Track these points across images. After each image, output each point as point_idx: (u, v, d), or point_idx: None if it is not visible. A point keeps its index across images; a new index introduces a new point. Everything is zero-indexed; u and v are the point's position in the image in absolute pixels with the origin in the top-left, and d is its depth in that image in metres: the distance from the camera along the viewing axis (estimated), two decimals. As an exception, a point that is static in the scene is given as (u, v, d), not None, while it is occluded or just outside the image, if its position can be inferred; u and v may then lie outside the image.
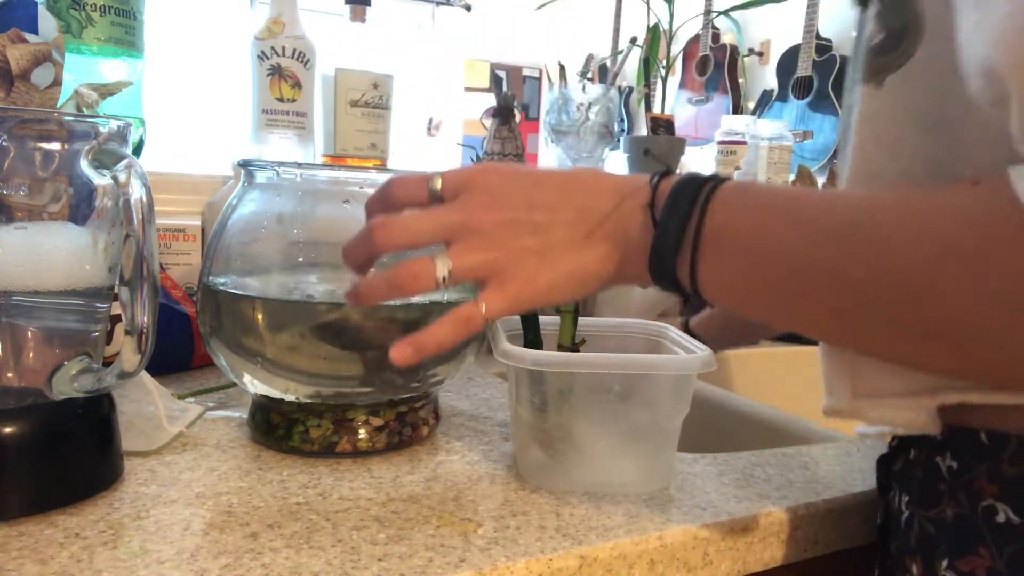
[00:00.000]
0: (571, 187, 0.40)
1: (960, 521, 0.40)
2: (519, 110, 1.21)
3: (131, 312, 0.43)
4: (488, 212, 0.39)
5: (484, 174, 0.40)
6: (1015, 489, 0.38)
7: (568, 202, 0.40)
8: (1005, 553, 0.38)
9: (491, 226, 0.39)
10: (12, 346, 0.44)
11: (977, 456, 0.40)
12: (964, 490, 0.41)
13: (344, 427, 0.55)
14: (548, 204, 0.39)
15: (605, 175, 0.42)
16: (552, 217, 0.39)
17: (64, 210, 0.44)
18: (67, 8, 0.77)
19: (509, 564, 0.42)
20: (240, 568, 0.40)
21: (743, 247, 0.37)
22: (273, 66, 0.96)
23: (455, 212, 0.39)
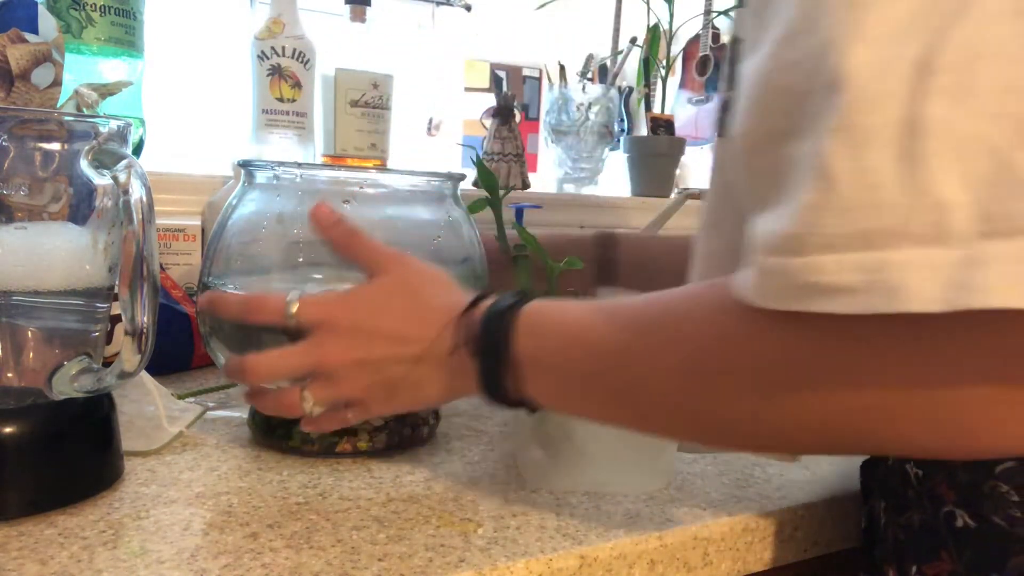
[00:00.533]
0: (404, 318, 0.46)
1: (925, 527, 0.41)
2: (519, 110, 1.21)
3: (131, 312, 0.43)
4: (339, 354, 0.46)
5: (332, 317, 0.46)
6: (969, 495, 0.39)
7: (403, 335, 0.46)
8: (964, 557, 0.39)
9: (342, 368, 0.46)
10: (12, 346, 0.44)
11: (936, 464, 0.41)
12: (928, 496, 0.42)
13: (344, 429, 0.55)
14: (387, 337, 0.46)
15: (434, 298, 0.48)
16: (390, 352, 0.46)
17: (64, 210, 0.44)
18: (67, 8, 0.77)
19: (509, 564, 0.42)
20: (240, 568, 0.40)
21: (555, 373, 0.42)
22: (273, 66, 0.96)
23: (311, 356, 0.46)
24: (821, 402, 0.32)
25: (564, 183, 1.33)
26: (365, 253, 0.49)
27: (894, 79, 0.27)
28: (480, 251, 0.63)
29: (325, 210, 0.49)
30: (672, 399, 0.38)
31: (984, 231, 0.25)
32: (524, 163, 1.21)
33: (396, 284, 0.48)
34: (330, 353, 0.46)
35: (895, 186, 0.26)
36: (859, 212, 0.27)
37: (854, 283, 0.27)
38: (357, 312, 0.47)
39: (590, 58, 1.41)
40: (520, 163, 1.19)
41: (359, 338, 0.46)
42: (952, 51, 0.26)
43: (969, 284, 0.25)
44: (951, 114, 0.26)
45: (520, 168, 1.19)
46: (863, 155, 0.27)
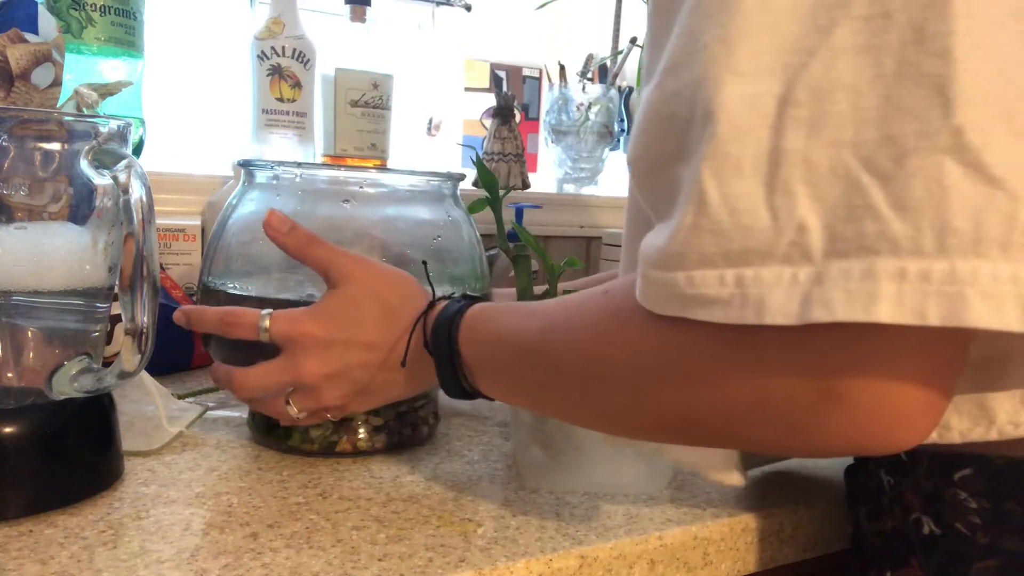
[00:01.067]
0: (374, 326, 0.49)
1: (896, 534, 0.43)
2: (519, 110, 1.21)
3: (131, 312, 0.43)
4: (315, 369, 0.48)
5: (305, 332, 0.49)
6: (932, 502, 0.40)
7: (373, 343, 0.49)
8: (932, 564, 0.40)
9: (318, 381, 0.49)
10: (12, 346, 0.44)
11: (903, 472, 0.42)
12: (900, 504, 0.43)
13: (344, 427, 0.55)
14: (359, 347, 0.49)
15: (400, 303, 0.50)
16: (363, 360, 0.49)
17: (64, 210, 0.44)
18: (67, 8, 0.77)
19: (509, 564, 0.42)
20: (240, 568, 0.40)
21: (493, 372, 0.46)
22: (273, 66, 0.96)
23: (288, 373, 0.49)
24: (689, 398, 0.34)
25: (564, 183, 1.33)
26: (325, 260, 0.51)
27: (759, 113, 0.29)
28: (480, 251, 0.63)
29: (276, 218, 0.51)
30: (575, 394, 0.41)
31: (831, 250, 0.28)
32: (524, 163, 1.21)
33: (363, 293, 0.50)
34: (306, 368, 0.48)
35: (762, 210, 0.29)
36: (731, 233, 0.29)
37: (726, 296, 0.30)
38: (328, 326, 0.49)
39: (590, 58, 1.41)
40: (520, 163, 1.19)
41: (333, 351, 0.48)
42: (807, 86, 0.28)
43: (816, 299, 0.27)
44: (807, 144, 0.28)
45: (520, 168, 1.19)
46: (733, 182, 0.29)
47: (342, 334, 0.49)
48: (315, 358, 0.48)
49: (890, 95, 0.27)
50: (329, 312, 0.49)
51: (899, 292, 0.26)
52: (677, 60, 0.32)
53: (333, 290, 0.50)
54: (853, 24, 0.28)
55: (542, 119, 1.37)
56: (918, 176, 0.26)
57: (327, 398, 0.49)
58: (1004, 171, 0.26)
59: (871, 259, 0.27)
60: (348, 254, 0.51)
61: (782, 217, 0.28)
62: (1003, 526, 0.37)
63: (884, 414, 0.29)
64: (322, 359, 0.48)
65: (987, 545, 0.38)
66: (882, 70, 0.27)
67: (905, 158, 0.27)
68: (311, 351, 0.48)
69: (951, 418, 0.37)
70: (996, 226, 0.26)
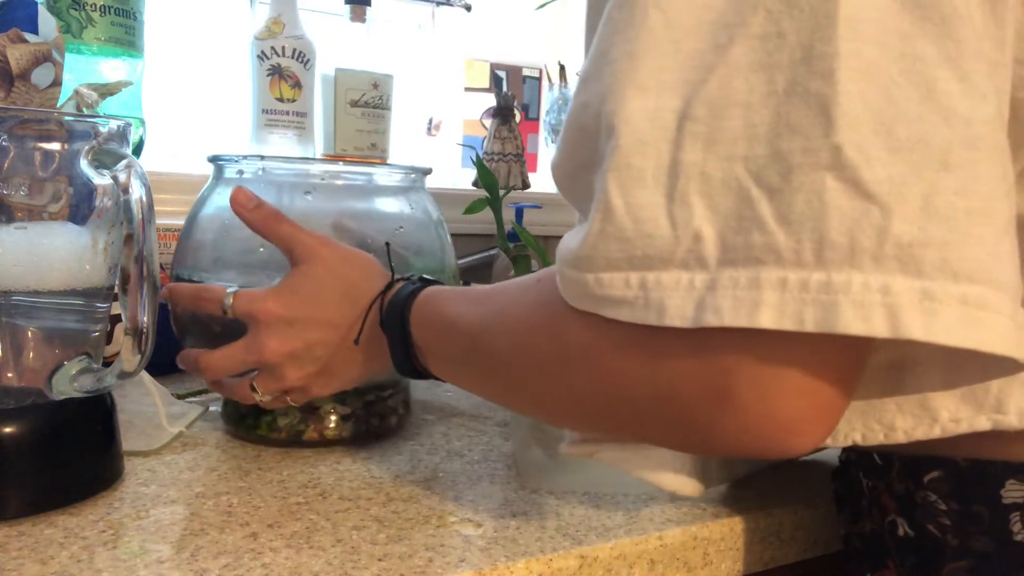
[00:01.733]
0: (336, 305, 0.50)
1: (875, 536, 0.43)
2: (519, 110, 1.21)
3: (131, 312, 0.43)
4: (276, 347, 0.49)
5: (266, 311, 0.50)
6: (906, 505, 0.41)
7: (334, 322, 0.50)
8: (906, 565, 0.41)
9: (280, 360, 0.50)
10: (12, 346, 0.44)
11: (878, 475, 0.43)
12: (876, 506, 0.43)
13: (311, 416, 0.56)
14: (320, 325, 0.50)
15: (360, 282, 0.51)
16: (324, 338, 0.50)
17: (64, 210, 0.44)
18: (67, 8, 0.77)
19: (509, 564, 0.42)
20: (240, 568, 0.40)
21: (441, 355, 0.47)
22: (273, 66, 0.96)
23: (252, 353, 0.50)
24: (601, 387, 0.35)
25: (564, 183, 1.32)
26: (289, 238, 0.52)
27: (660, 127, 0.30)
28: (446, 242, 0.63)
29: (243, 194, 0.52)
30: (509, 381, 0.42)
31: (723, 259, 0.29)
32: (524, 163, 1.21)
33: (324, 272, 0.51)
34: (268, 347, 0.49)
35: (662, 219, 0.30)
36: (634, 240, 0.31)
37: (631, 297, 0.31)
38: (290, 304, 0.50)
39: (590, 58, 1.40)
40: (520, 163, 1.19)
41: (294, 329, 0.49)
42: (703, 103, 0.29)
43: (709, 304, 0.29)
44: (703, 158, 0.29)
45: (520, 168, 1.19)
46: (636, 192, 0.31)
47: (303, 312, 0.50)
48: (276, 336, 0.49)
49: (780, 112, 0.28)
50: (291, 290, 0.50)
51: (780, 300, 0.28)
52: (588, 73, 0.33)
53: (296, 268, 0.51)
54: (749, 43, 0.29)
55: (542, 119, 1.37)
56: (801, 191, 0.28)
57: (289, 377, 0.50)
58: (879, 187, 0.27)
59: (757, 268, 0.28)
60: (312, 233, 0.52)
61: (680, 226, 0.30)
62: (971, 527, 0.38)
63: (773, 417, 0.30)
64: (283, 337, 0.49)
65: (957, 546, 0.38)
66: (774, 88, 0.28)
67: (791, 173, 0.28)
68: (272, 329, 0.49)
69: (895, 419, 0.38)
70: (869, 239, 0.27)
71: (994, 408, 0.35)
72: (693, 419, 0.32)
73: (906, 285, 0.26)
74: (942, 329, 0.26)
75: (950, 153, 0.27)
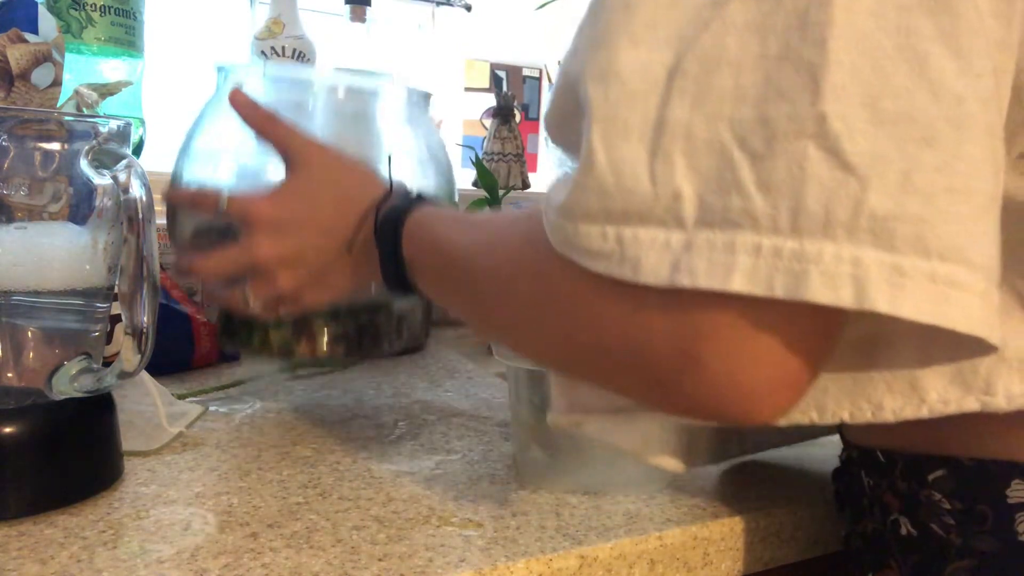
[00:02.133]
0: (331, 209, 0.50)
1: (876, 535, 0.43)
2: (519, 110, 1.21)
3: (131, 312, 0.43)
4: (269, 249, 0.49)
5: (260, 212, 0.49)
6: (909, 504, 0.41)
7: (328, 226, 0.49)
8: (908, 564, 0.41)
9: (273, 265, 0.49)
10: (12, 346, 0.44)
11: (881, 473, 0.43)
12: (878, 505, 0.43)
13: (304, 332, 0.56)
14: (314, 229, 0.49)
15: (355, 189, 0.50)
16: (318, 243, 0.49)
17: (64, 210, 0.44)
18: (67, 8, 0.77)
19: (509, 564, 0.42)
20: (240, 568, 0.40)
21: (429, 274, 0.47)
22: (273, 66, 0.96)
23: (246, 255, 0.50)
24: (574, 332, 0.35)
25: (564, 183, 1.32)
26: (285, 140, 0.52)
27: (650, 81, 0.30)
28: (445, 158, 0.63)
29: (240, 95, 0.52)
30: (488, 310, 0.43)
31: (701, 220, 0.29)
32: (524, 163, 1.21)
33: (320, 176, 0.50)
34: (261, 249, 0.49)
35: (643, 175, 0.30)
36: (614, 194, 0.31)
37: (607, 250, 0.31)
38: (285, 207, 0.49)
39: (590, 58, 1.40)
40: (520, 163, 1.19)
41: (288, 232, 0.49)
42: (695, 59, 0.29)
43: (684, 265, 0.29)
44: (689, 116, 0.29)
45: (520, 168, 1.19)
46: (620, 145, 0.30)
47: (296, 215, 0.49)
48: (270, 238, 0.49)
49: (770, 76, 0.28)
50: (286, 193, 0.50)
51: (753, 265, 0.28)
52: (584, 22, 0.33)
53: (292, 172, 0.51)
54: (746, 3, 0.29)
55: (542, 119, 1.36)
56: (783, 158, 0.27)
57: (281, 282, 0.50)
58: (860, 159, 0.27)
59: (733, 232, 0.28)
60: (309, 137, 0.52)
61: (660, 183, 0.30)
62: (975, 527, 0.38)
63: (738, 383, 0.30)
64: (276, 239, 0.49)
65: (961, 546, 0.38)
66: (766, 51, 0.28)
67: (775, 140, 0.28)
68: (266, 231, 0.49)
69: (884, 397, 0.38)
70: (844, 210, 0.27)
71: (982, 390, 0.35)
72: (661, 377, 0.32)
73: (876, 258, 0.27)
74: (909, 304, 0.26)
75: (935, 129, 0.27)
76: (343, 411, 0.66)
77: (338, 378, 0.77)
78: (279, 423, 0.62)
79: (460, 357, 0.89)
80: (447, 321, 1.09)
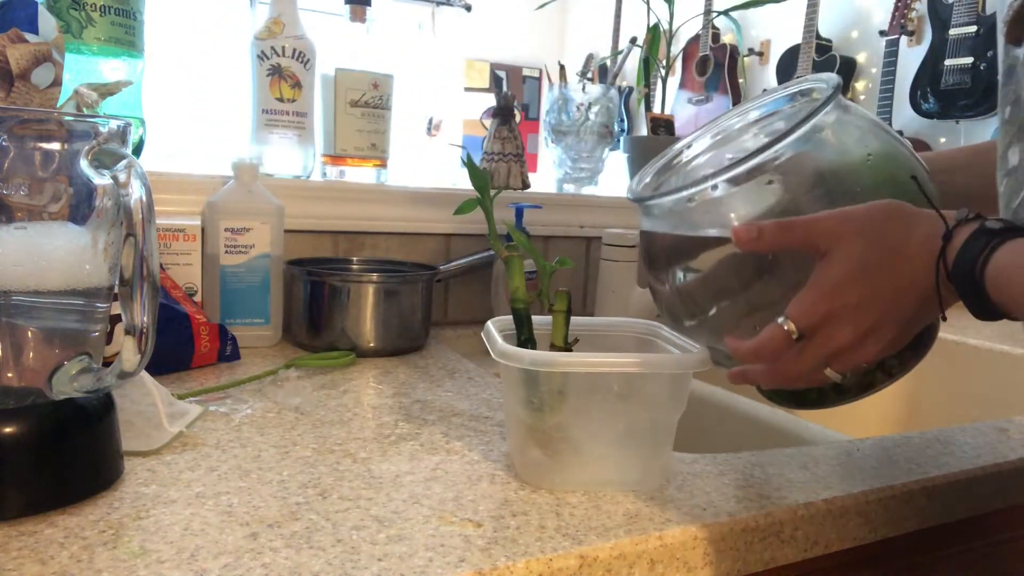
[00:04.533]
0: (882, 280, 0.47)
1: None
2: (519, 110, 1.21)
3: (131, 312, 0.43)
4: (848, 335, 0.47)
5: (829, 312, 0.47)
6: None
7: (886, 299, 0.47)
8: None
9: (856, 344, 0.48)
10: (12, 346, 0.44)
11: None
12: None
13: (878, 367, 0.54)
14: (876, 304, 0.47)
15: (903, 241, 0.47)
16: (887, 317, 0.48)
17: (64, 210, 0.44)
18: (67, 8, 0.77)
19: (509, 564, 0.42)
20: (240, 568, 0.40)
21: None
22: (273, 66, 0.96)
23: (827, 348, 0.48)
24: None
25: (564, 183, 1.33)
26: (803, 235, 0.49)
27: None
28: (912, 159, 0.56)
29: (741, 232, 0.49)
30: None
31: None
32: (524, 163, 1.21)
33: (859, 247, 0.47)
34: (841, 340, 0.48)
35: None
36: None
37: None
38: (848, 296, 0.47)
39: (590, 58, 1.41)
40: (520, 163, 1.19)
41: (860, 312, 0.47)
42: None
43: None
44: None
45: (520, 168, 1.19)
46: None
47: (860, 294, 0.47)
48: (846, 326, 0.47)
49: None
50: (835, 280, 0.47)
51: None
52: None
53: (826, 258, 0.48)
54: None
55: (542, 119, 1.37)
56: None
57: (868, 353, 0.49)
58: None
59: None
60: (821, 217, 0.48)
61: None
62: None
63: None
64: (853, 324, 0.47)
65: None
66: None
67: None
68: (837, 323, 0.47)
69: None
70: None
71: None
72: None
73: None
74: None
75: None
76: (343, 411, 0.66)
77: (338, 378, 0.77)
78: (279, 423, 0.62)
79: (460, 357, 0.89)
80: (447, 321, 1.09)
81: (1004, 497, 0.63)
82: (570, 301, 0.56)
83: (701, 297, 0.56)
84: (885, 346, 0.49)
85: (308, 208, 0.99)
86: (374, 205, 1.04)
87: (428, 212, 1.07)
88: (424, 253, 1.07)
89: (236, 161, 0.88)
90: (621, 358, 0.52)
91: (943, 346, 1.09)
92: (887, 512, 0.56)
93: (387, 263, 1.00)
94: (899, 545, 0.58)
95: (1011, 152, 0.48)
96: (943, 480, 0.59)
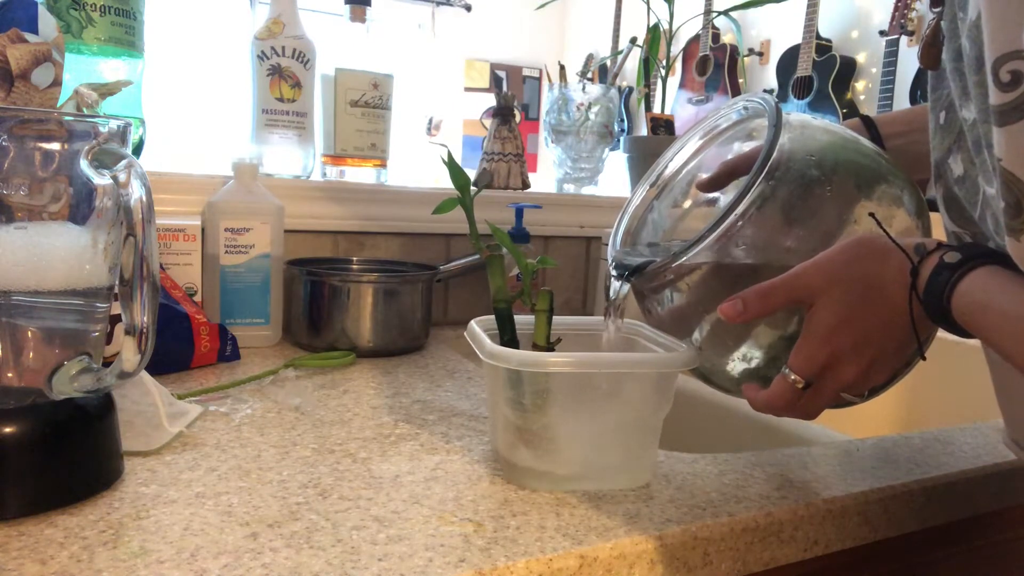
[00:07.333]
0: (868, 311, 0.49)
1: None
2: (519, 110, 1.21)
3: (131, 312, 0.43)
4: (851, 372, 0.50)
5: (830, 354, 0.49)
6: None
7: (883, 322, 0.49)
8: None
9: (859, 378, 0.50)
10: (12, 346, 0.44)
11: None
12: None
13: None
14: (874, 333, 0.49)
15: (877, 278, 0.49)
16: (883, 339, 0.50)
17: (64, 210, 0.44)
18: (67, 8, 0.77)
19: (509, 564, 0.42)
20: (240, 568, 0.40)
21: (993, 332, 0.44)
22: (273, 66, 0.96)
23: (832, 387, 0.50)
24: None
25: (564, 183, 1.33)
26: (784, 296, 0.51)
27: None
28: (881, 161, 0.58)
29: (727, 309, 0.51)
30: None
31: None
32: (524, 163, 1.21)
33: (839, 294, 0.49)
34: (845, 378, 0.50)
35: None
36: None
37: None
38: (843, 339, 0.49)
39: (590, 58, 1.41)
40: (520, 163, 1.19)
41: (856, 350, 0.49)
42: None
43: None
44: None
45: (520, 168, 1.19)
46: None
47: (853, 334, 0.49)
48: (849, 365, 0.50)
49: None
50: (827, 327, 0.49)
51: None
52: None
53: (813, 308, 0.50)
54: None
55: (542, 119, 1.37)
56: None
57: (879, 378, 0.51)
58: None
59: None
60: (797, 274, 0.50)
61: None
62: None
63: None
64: (855, 361, 0.50)
65: None
66: None
67: None
68: (840, 365, 0.50)
69: None
70: None
71: None
72: None
73: None
74: None
75: None
76: (343, 411, 0.66)
77: (338, 378, 0.77)
78: (279, 423, 0.62)
79: (460, 357, 0.89)
80: (447, 321, 1.09)
81: (1004, 497, 0.63)
82: (552, 300, 0.56)
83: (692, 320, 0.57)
84: (893, 366, 0.51)
85: (308, 208, 0.99)
86: (374, 205, 1.04)
87: (428, 212, 1.07)
88: (424, 253, 1.07)
89: (236, 161, 0.88)
90: (610, 358, 0.52)
91: (943, 346, 1.09)
92: (887, 512, 0.56)
93: (387, 263, 1.00)
94: (899, 545, 0.58)
95: (952, 160, 0.49)
96: (943, 480, 0.59)
